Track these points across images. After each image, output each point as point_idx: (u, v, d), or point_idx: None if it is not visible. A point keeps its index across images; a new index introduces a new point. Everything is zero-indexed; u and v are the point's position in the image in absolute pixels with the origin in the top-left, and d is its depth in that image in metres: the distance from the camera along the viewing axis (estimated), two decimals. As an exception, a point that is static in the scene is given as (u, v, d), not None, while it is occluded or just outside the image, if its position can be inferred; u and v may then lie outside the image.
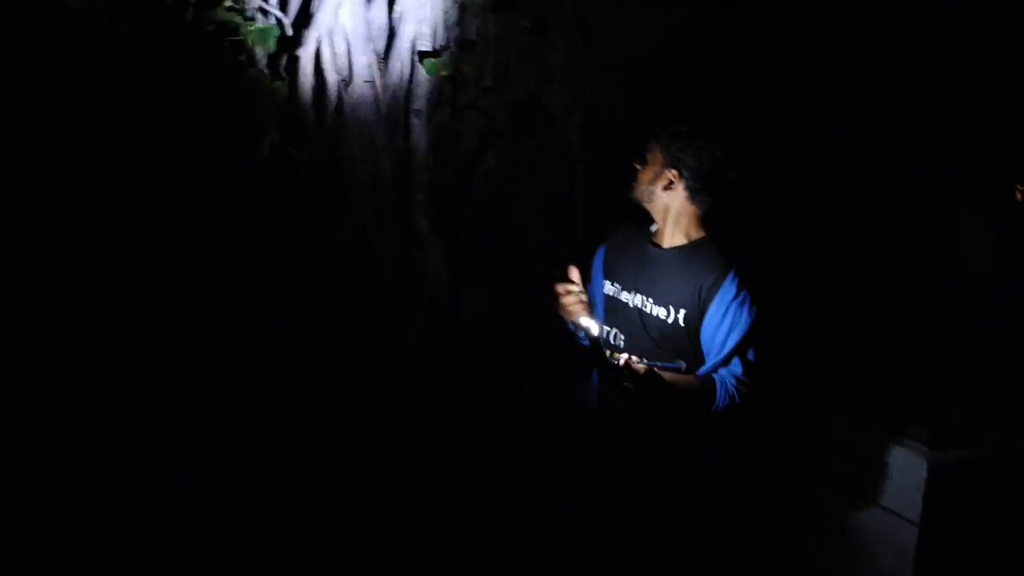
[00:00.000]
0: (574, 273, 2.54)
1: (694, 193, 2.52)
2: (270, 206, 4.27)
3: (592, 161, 4.43)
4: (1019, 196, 4.04)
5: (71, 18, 3.91)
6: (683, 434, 2.48)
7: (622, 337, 2.56)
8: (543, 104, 4.44)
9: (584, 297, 2.53)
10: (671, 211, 2.54)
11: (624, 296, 2.61)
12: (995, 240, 3.03)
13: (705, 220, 2.58)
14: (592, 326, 2.32)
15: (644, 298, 2.56)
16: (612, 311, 2.66)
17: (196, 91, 4.10)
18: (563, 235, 4.41)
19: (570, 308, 2.50)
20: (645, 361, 2.37)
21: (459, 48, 4.29)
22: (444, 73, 4.25)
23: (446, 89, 4.30)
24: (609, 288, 2.67)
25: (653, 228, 2.66)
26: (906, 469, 2.99)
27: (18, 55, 3.76)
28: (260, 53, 4.07)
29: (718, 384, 2.46)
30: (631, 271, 2.66)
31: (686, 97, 4.41)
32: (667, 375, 2.36)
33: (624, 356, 2.30)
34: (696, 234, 2.58)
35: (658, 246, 2.64)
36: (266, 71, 4.10)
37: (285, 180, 4.27)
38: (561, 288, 2.52)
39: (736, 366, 2.48)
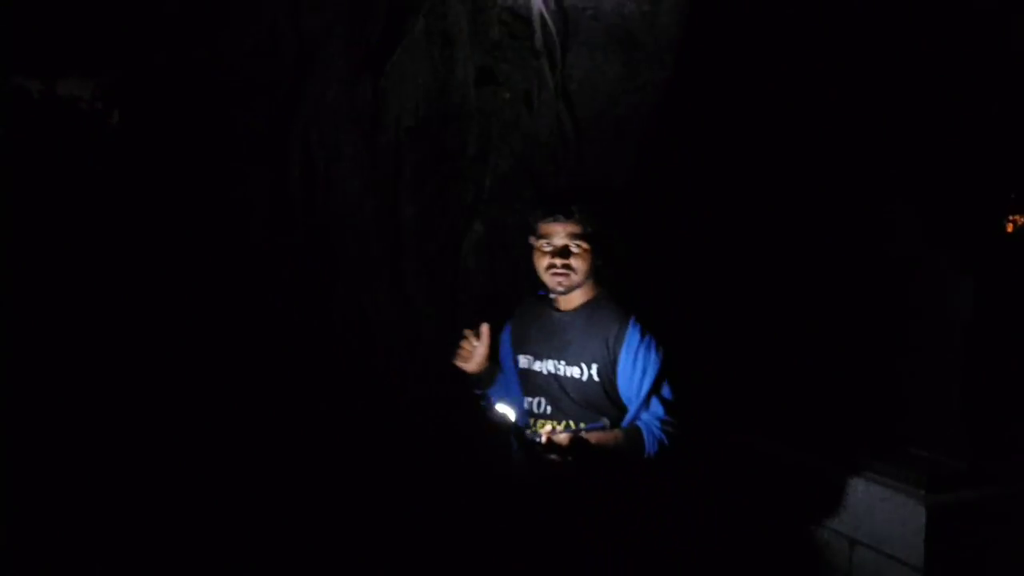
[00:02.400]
0: (484, 329, 2.63)
1: (597, 259, 2.64)
2: (265, 285, 4.38)
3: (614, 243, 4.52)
4: (1010, 228, 4.12)
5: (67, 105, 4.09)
6: (619, 491, 2.52)
7: (547, 404, 2.62)
8: (530, 170, 4.56)
9: (483, 351, 2.65)
10: (585, 281, 2.63)
11: (537, 365, 2.64)
12: (974, 285, 3.08)
13: (597, 276, 2.69)
14: (508, 411, 2.38)
15: (556, 362, 2.59)
16: (530, 383, 2.67)
17: (188, 177, 4.27)
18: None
19: (465, 354, 2.63)
20: (569, 428, 2.43)
21: (443, 121, 4.44)
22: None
23: (431, 161, 4.44)
24: (523, 362, 2.70)
25: (552, 296, 2.70)
26: (905, 514, 2.98)
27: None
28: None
29: (644, 432, 2.47)
30: (539, 340, 2.69)
31: (670, 158, 4.54)
32: (592, 436, 2.38)
33: (545, 430, 2.36)
34: (593, 291, 2.66)
35: (560, 310, 2.69)
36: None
37: (277, 260, 4.39)
38: (467, 334, 2.62)
39: (656, 407, 2.50)
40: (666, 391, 2.55)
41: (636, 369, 2.52)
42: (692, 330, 3.33)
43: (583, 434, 2.38)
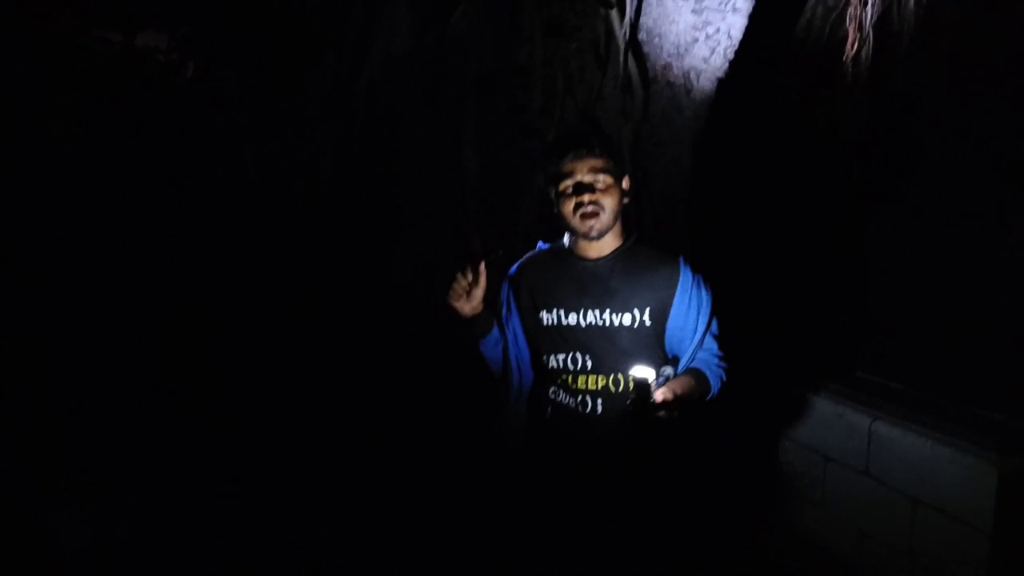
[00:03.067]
0: (481, 268, 2.49)
1: (628, 196, 2.51)
2: (330, 238, 4.46)
3: (645, 177, 4.44)
4: None
5: (144, 58, 4.22)
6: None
7: (588, 358, 2.50)
8: (596, 123, 4.49)
9: (479, 292, 2.50)
10: (615, 222, 2.43)
11: (572, 319, 2.46)
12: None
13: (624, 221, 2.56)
14: (649, 374, 2.27)
15: (600, 312, 2.44)
16: (560, 339, 2.50)
17: (258, 131, 4.37)
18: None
19: (459, 291, 2.47)
20: (659, 381, 2.35)
21: (509, 74, 4.41)
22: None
23: (497, 114, 4.41)
24: (548, 318, 2.50)
25: (565, 246, 2.53)
26: (975, 477, 2.82)
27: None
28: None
29: (708, 372, 2.41)
30: (570, 292, 2.48)
31: (737, 107, 4.40)
32: (678, 388, 2.33)
33: (659, 393, 2.27)
34: (623, 236, 2.49)
35: (588, 259, 2.50)
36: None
37: (344, 211, 4.46)
38: (465, 271, 2.47)
39: (711, 344, 2.44)
40: (716, 328, 2.47)
41: (691, 309, 2.42)
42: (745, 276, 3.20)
43: (667, 386, 2.31)
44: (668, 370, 2.39)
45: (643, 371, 2.17)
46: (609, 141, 2.53)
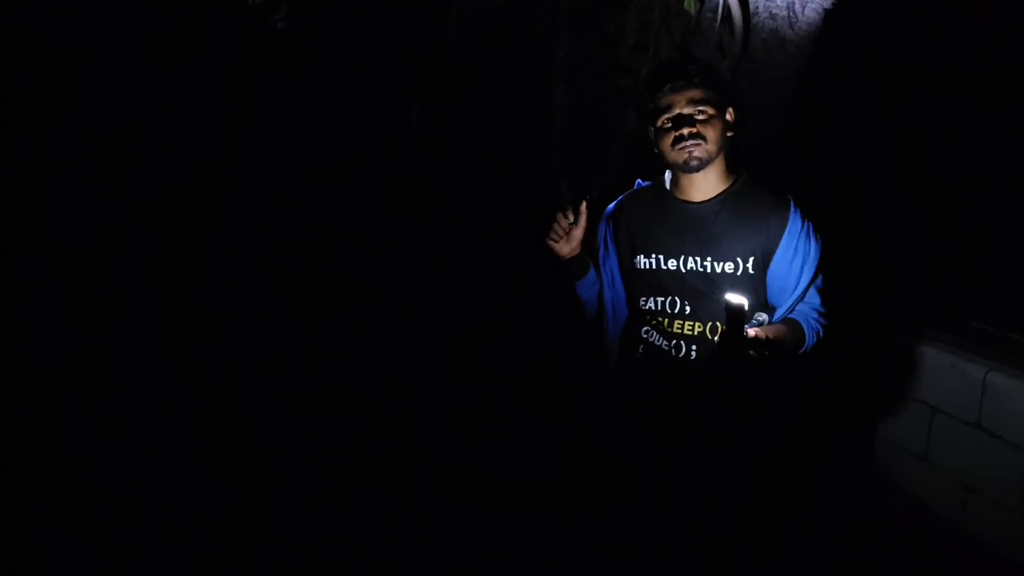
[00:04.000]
0: (583, 208, 2.36)
1: (732, 129, 2.33)
2: (417, 169, 4.40)
3: (742, 117, 4.23)
4: None
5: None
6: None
7: (686, 304, 2.37)
8: (692, 59, 4.29)
9: (579, 233, 2.34)
10: (717, 158, 2.29)
11: (672, 264, 2.34)
12: None
13: (731, 161, 2.38)
14: (743, 302, 2.14)
15: (701, 259, 2.31)
16: (658, 283, 2.39)
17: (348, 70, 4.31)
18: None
19: (560, 232, 2.34)
20: (753, 324, 2.22)
21: (602, 6, 4.23)
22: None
23: (587, 49, 4.25)
24: (644, 262, 2.39)
25: (667, 186, 2.40)
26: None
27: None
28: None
29: (804, 325, 2.29)
30: (670, 236, 2.36)
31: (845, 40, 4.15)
32: (772, 333, 2.16)
33: (752, 329, 2.15)
34: (730, 177, 2.35)
35: (691, 202, 2.36)
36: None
37: (432, 144, 4.38)
38: (565, 211, 2.32)
39: (814, 297, 2.31)
40: (821, 282, 2.32)
41: (796, 259, 2.27)
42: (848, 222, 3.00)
43: (759, 328, 2.19)
44: (763, 316, 2.28)
45: (737, 298, 2.05)
46: (709, 70, 2.37)
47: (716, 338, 2.29)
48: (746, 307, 2.06)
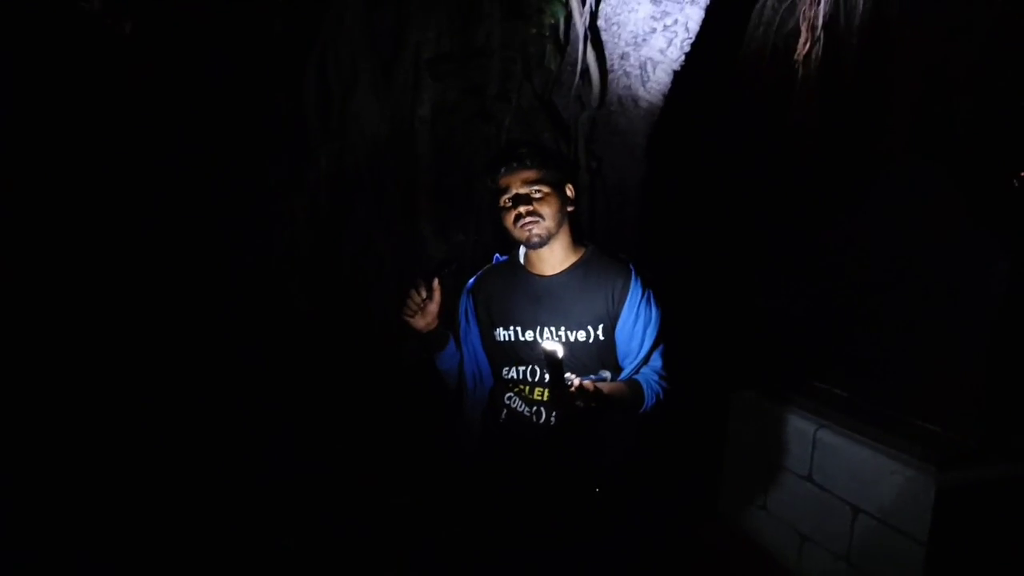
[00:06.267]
0: (435, 284, 2.42)
1: (572, 204, 2.45)
2: (280, 214, 4.24)
3: (599, 166, 4.35)
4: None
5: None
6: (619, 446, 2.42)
7: (544, 371, 2.45)
8: (552, 109, 4.36)
9: (434, 308, 2.40)
10: (561, 232, 2.38)
11: (529, 335, 2.42)
12: (1009, 266, 2.91)
13: (577, 233, 2.51)
14: (557, 348, 2.20)
15: (556, 329, 2.39)
16: (516, 353, 2.45)
17: (200, 100, 4.08)
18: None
19: (413, 307, 2.37)
20: (590, 377, 2.31)
21: (466, 55, 4.22)
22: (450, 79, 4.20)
23: (451, 95, 4.23)
24: (503, 335, 2.46)
25: (521, 260, 2.48)
26: (915, 489, 2.88)
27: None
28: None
29: (644, 386, 2.37)
30: (524, 309, 2.43)
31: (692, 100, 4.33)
32: (605, 388, 2.29)
33: (574, 377, 2.23)
34: (577, 250, 2.44)
35: (542, 276, 2.44)
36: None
37: (293, 188, 4.24)
38: (417, 285, 2.38)
39: (656, 360, 2.40)
40: (663, 346, 2.44)
41: (638, 324, 2.37)
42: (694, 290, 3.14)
43: (591, 381, 2.26)
44: (605, 373, 2.37)
45: (552, 344, 2.10)
46: (544, 151, 2.43)
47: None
48: (560, 353, 2.11)
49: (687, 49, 4.17)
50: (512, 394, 2.47)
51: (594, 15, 4.18)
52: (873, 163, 3.79)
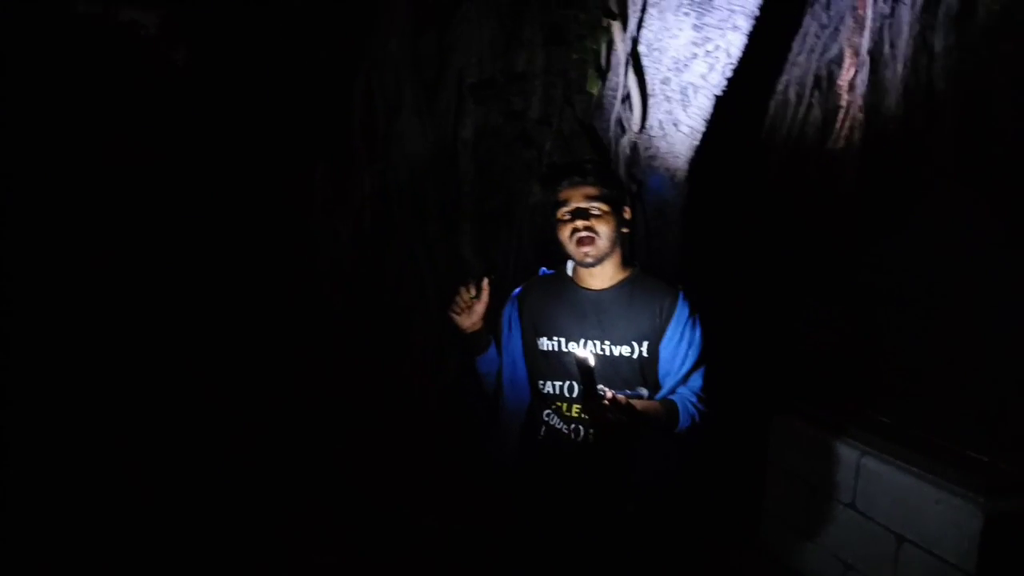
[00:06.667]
0: (485, 284, 2.40)
1: (627, 226, 2.46)
2: (325, 233, 4.31)
3: (640, 191, 4.35)
4: None
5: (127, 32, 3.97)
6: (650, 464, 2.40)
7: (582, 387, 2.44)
8: (592, 133, 4.38)
9: (481, 309, 2.42)
10: (612, 253, 2.40)
11: (572, 347, 2.41)
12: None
13: (628, 256, 2.52)
14: (588, 356, 2.20)
15: (599, 343, 2.39)
16: (558, 366, 2.45)
17: (252, 123, 4.18)
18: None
19: (461, 305, 2.40)
20: (626, 392, 2.30)
21: (508, 80, 4.27)
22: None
23: (493, 119, 4.28)
24: (547, 344, 2.46)
25: (568, 273, 2.51)
26: (961, 519, 2.80)
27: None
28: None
29: (680, 406, 2.36)
30: (570, 321, 2.44)
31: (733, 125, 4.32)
32: (638, 404, 2.24)
33: (607, 390, 2.22)
34: (626, 269, 2.46)
35: (590, 289, 2.46)
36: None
37: (337, 209, 4.30)
38: (467, 285, 2.41)
39: (695, 382, 2.40)
40: (703, 369, 2.43)
41: (681, 344, 2.37)
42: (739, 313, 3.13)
43: (630, 398, 2.26)
44: (643, 391, 2.37)
45: (583, 351, 2.12)
46: (606, 170, 2.47)
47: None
48: (591, 361, 2.11)
49: (729, 74, 4.18)
50: (550, 411, 2.48)
51: (636, 40, 4.22)
52: (916, 188, 3.73)
